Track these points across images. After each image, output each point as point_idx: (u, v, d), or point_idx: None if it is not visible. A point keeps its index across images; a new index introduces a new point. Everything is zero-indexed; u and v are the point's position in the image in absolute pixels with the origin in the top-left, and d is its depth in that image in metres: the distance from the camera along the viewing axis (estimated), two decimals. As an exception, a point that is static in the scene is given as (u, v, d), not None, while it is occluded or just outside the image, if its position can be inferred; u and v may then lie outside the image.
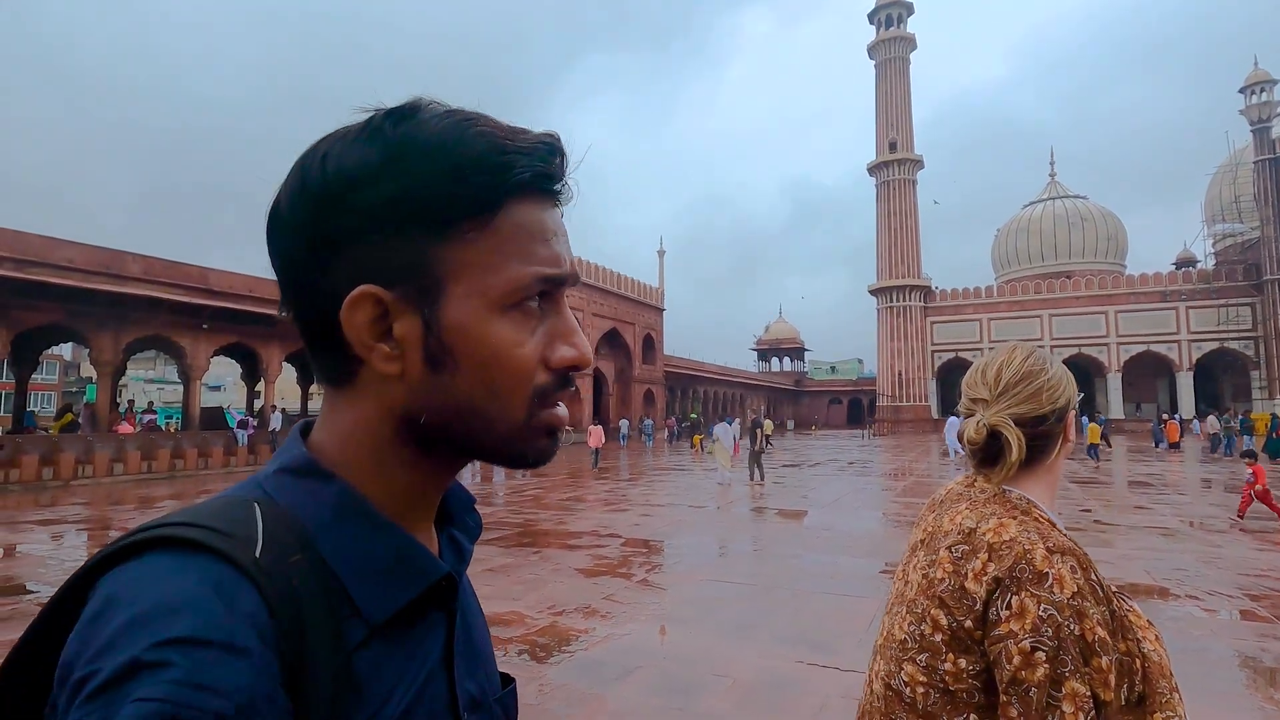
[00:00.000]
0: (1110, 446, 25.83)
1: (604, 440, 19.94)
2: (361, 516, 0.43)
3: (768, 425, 14.98)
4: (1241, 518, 9.01)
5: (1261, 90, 40.57)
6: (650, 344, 43.62)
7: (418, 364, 0.42)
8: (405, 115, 0.43)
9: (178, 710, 0.31)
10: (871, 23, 54.54)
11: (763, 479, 14.36)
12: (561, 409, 0.46)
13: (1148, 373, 47.19)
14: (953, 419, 21.74)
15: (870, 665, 1.11)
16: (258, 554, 0.38)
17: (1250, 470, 8.94)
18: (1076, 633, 0.86)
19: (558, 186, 0.46)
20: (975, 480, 1.08)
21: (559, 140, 0.46)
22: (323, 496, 0.43)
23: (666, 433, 38.13)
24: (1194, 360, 43.84)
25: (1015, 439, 1.00)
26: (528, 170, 0.43)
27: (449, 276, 0.42)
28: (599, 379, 39.19)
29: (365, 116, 0.44)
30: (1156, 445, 26.01)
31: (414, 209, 0.41)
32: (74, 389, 54.67)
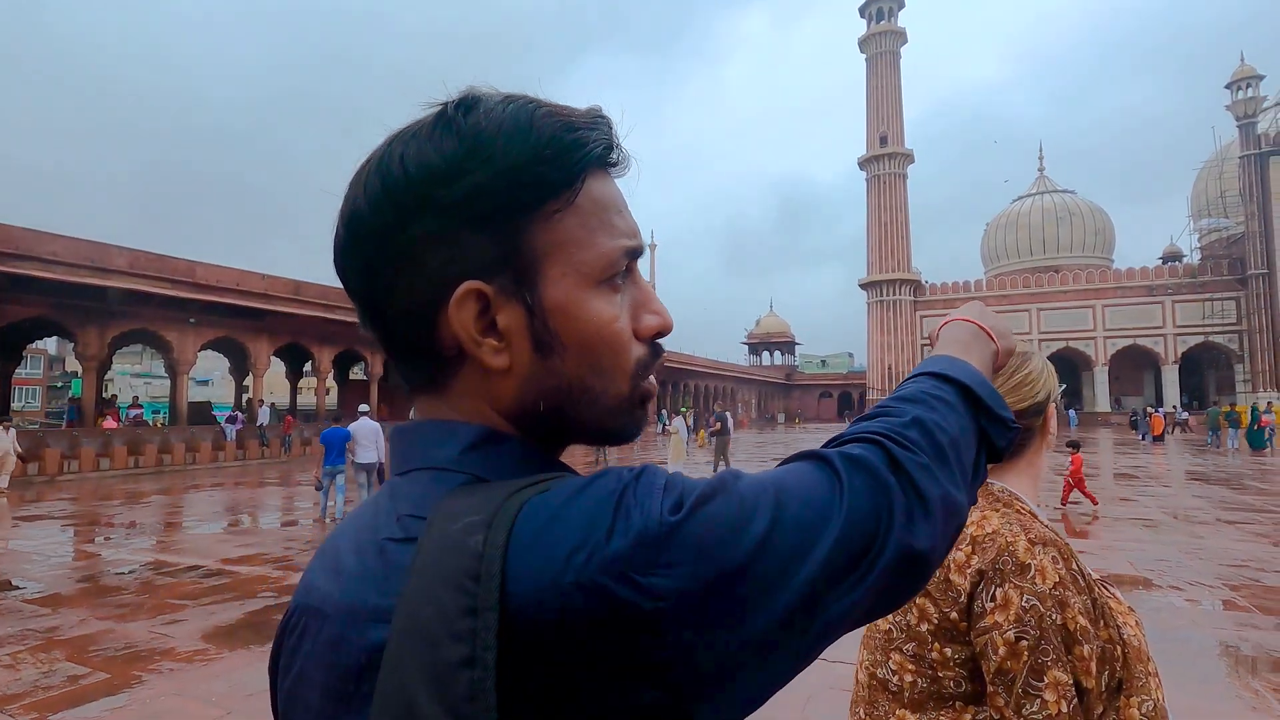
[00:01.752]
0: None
1: None
2: (547, 464, 0.44)
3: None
4: (1064, 505, 9.55)
5: (1248, 86, 40.87)
6: (641, 338, 43.67)
7: (526, 352, 0.42)
8: (470, 106, 0.42)
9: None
10: (862, 16, 54.61)
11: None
12: (651, 379, 0.46)
13: (1134, 366, 47.68)
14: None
15: (858, 656, 1.12)
16: None
17: (1070, 459, 9.65)
18: (1059, 622, 0.88)
19: (616, 156, 0.46)
20: None
21: (605, 112, 0.46)
22: (513, 454, 0.43)
23: (662, 426, 36.54)
24: (1179, 354, 44.29)
25: None
26: (599, 144, 0.43)
27: (543, 259, 0.42)
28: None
29: (427, 113, 0.43)
30: (1143, 438, 26.44)
31: (503, 196, 0.41)
32: (59, 384, 54.10)
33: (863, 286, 53.56)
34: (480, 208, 0.41)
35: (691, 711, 0.35)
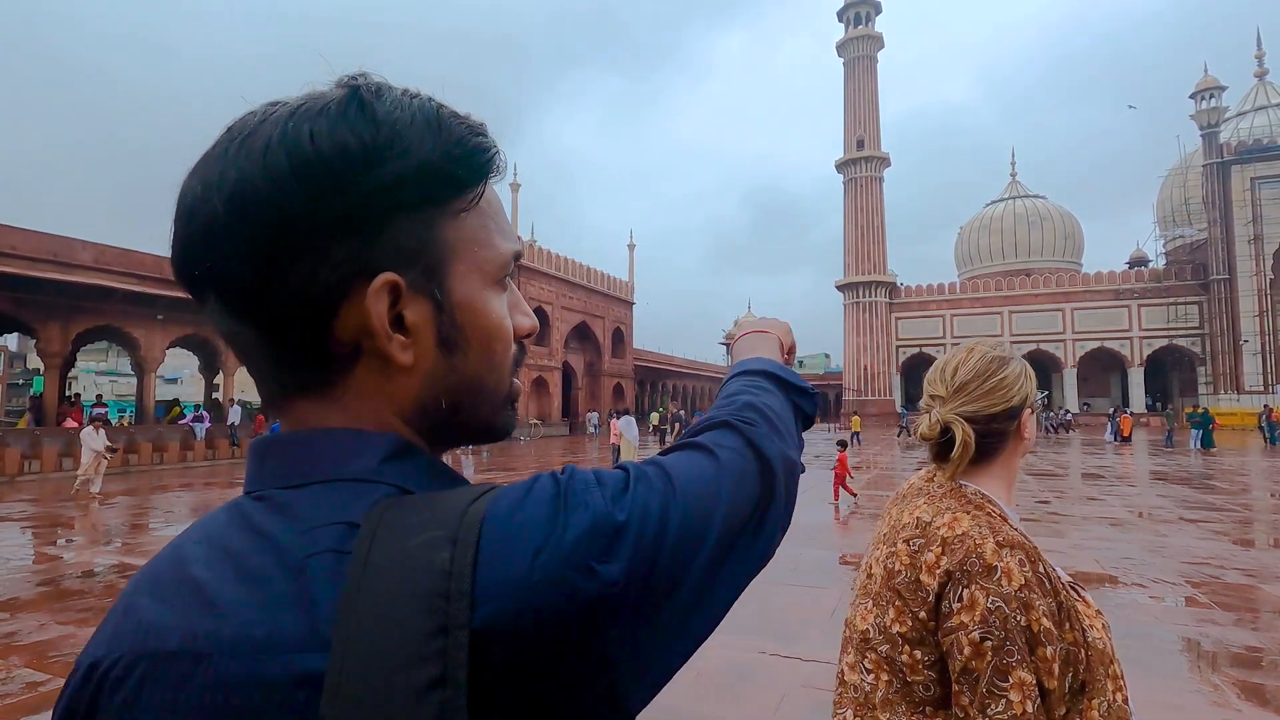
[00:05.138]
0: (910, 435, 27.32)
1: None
2: (445, 474, 0.45)
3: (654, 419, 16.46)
4: (835, 501, 10.36)
5: (1211, 96, 41.98)
6: (620, 337, 43.60)
7: (430, 349, 0.43)
8: (378, 92, 0.42)
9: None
10: (840, 21, 55.07)
11: None
12: (518, 378, 0.50)
13: (1101, 368, 48.74)
14: None
15: (840, 658, 1.13)
16: None
17: (838, 458, 10.47)
18: (1023, 624, 0.89)
19: (500, 167, 0.48)
20: (934, 475, 1.10)
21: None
22: (425, 466, 0.43)
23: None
24: (1145, 356, 45.39)
25: (963, 435, 1.02)
26: (496, 152, 0.46)
27: (451, 255, 0.43)
28: (568, 372, 39.00)
29: (329, 90, 0.42)
30: (1113, 439, 27.30)
31: (420, 188, 0.41)
32: (20, 381, 52.50)
33: (839, 288, 54.02)
34: (396, 198, 0.40)
35: (626, 694, 0.37)
